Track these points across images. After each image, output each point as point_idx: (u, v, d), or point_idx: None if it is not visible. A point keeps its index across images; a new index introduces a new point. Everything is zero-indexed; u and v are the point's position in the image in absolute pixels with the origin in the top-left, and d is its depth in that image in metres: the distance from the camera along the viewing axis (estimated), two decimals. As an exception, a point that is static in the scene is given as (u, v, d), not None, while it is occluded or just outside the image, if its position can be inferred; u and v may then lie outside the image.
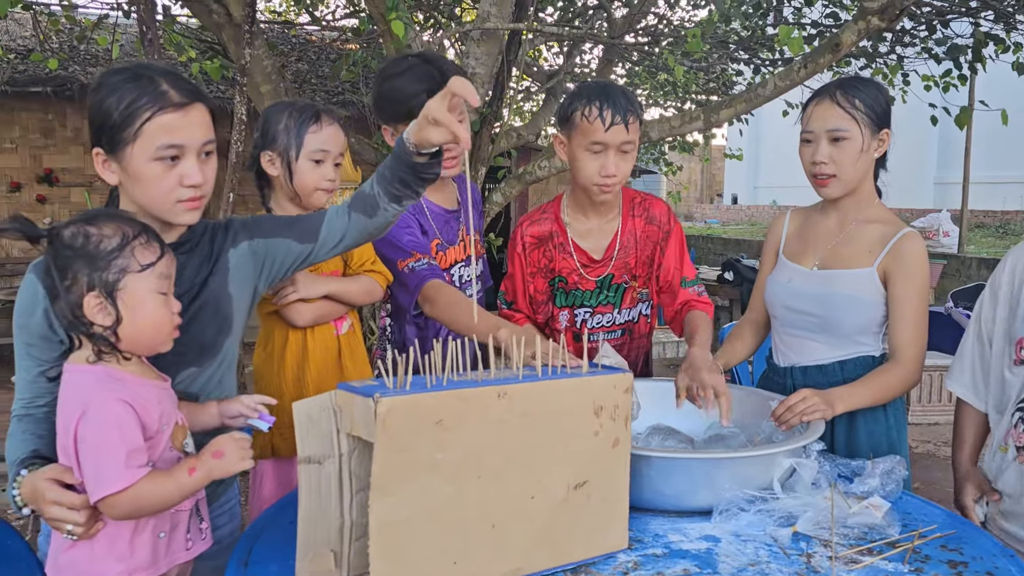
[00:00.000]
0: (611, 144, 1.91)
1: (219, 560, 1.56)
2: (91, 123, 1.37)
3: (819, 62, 4.02)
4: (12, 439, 1.36)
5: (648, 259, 2.13)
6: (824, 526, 1.43)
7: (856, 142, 1.83)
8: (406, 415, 1.12)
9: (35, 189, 7.52)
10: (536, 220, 2.15)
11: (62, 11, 5.57)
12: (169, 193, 1.36)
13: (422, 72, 1.91)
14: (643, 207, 2.13)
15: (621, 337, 2.18)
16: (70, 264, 1.24)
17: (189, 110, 1.35)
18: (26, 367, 1.37)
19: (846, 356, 1.93)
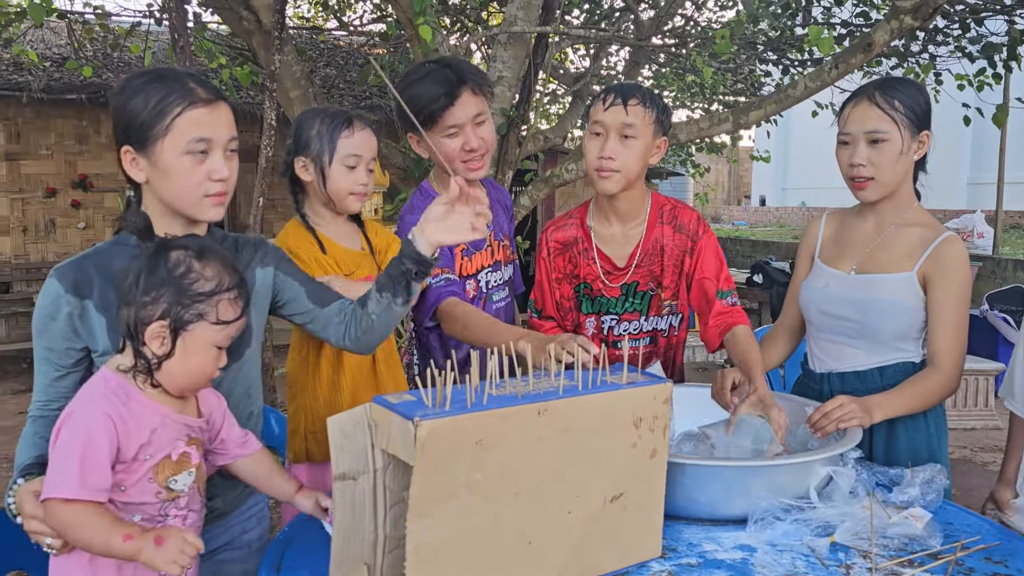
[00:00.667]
0: (610, 126, 1.89)
1: (248, 563, 1.57)
2: (117, 124, 1.39)
3: (850, 62, 3.97)
4: (24, 441, 1.38)
5: (676, 268, 2.05)
6: (863, 536, 1.40)
7: (895, 144, 1.80)
8: (446, 437, 1.10)
9: (70, 194, 7.64)
10: (561, 225, 2.13)
11: (96, 19, 5.66)
12: (197, 187, 1.38)
13: (439, 77, 1.90)
14: (672, 214, 2.06)
15: (649, 345, 2.12)
16: (160, 285, 1.25)
17: (216, 107, 1.39)
18: (44, 371, 1.40)
19: (885, 362, 1.89)
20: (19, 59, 6.97)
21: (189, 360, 1.28)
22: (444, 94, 1.88)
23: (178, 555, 1.20)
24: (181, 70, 1.42)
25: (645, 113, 1.89)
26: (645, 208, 2.06)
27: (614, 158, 1.89)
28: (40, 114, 7.41)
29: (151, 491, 1.29)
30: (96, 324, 1.37)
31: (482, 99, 1.96)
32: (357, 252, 1.95)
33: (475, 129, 1.95)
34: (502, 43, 4.38)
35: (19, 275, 7.46)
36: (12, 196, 7.46)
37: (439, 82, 1.89)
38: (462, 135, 1.94)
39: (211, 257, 1.29)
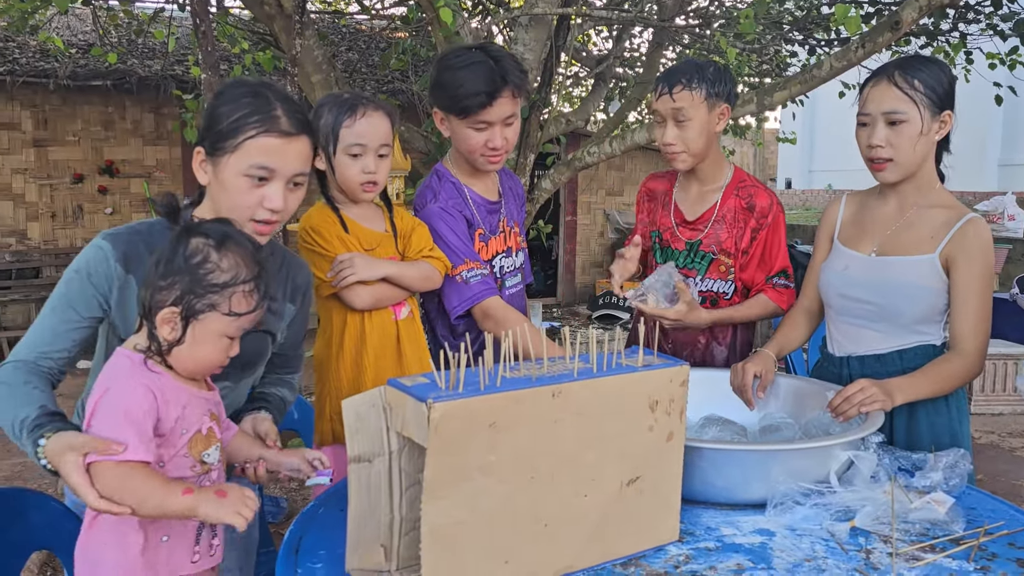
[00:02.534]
0: (665, 113, 2.06)
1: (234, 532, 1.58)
2: (202, 123, 1.42)
3: (878, 41, 3.89)
4: (13, 390, 1.30)
5: (738, 242, 2.17)
6: (884, 521, 1.39)
7: (914, 125, 1.76)
8: (459, 419, 1.11)
9: (97, 180, 7.72)
10: (658, 177, 2.35)
11: (120, 6, 5.70)
12: (247, 210, 1.40)
13: (484, 71, 1.89)
14: (748, 192, 2.18)
15: (704, 304, 2.19)
16: (177, 271, 1.26)
17: (293, 140, 1.40)
18: (63, 317, 1.36)
19: (906, 346, 1.86)
20: (45, 46, 7.03)
21: (198, 348, 1.28)
22: (486, 93, 1.89)
23: (241, 507, 1.21)
24: (280, 91, 1.43)
25: (692, 95, 2.02)
26: (724, 176, 2.20)
27: (674, 143, 2.07)
28: (67, 101, 7.48)
29: (187, 465, 1.30)
30: (135, 300, 1.37)
31: (518, 100, 1.97)
32: (379, 232, 1.95)
33: (503, 129, 1.97)
34: (523, 25, 4.35)
35: (48, 260, 7.57)
36: (40, 182, 7.56)
37: (483, 78, 1.88)
38: (489, 132, 1.95)
39: (230, 248, 1.29)
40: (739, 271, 2.19)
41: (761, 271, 2.18)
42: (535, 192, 4.80)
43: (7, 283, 7.36)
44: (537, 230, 5.63)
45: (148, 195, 7.85)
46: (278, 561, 1.31)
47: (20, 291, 7.41)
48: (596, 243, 10.38)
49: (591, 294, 10.03)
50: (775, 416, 1.82)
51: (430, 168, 5.03)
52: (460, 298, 1.99)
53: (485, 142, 1.95)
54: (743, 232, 2.16)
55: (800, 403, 1.86)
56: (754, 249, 2.17)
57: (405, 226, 1.98)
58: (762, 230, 2.16)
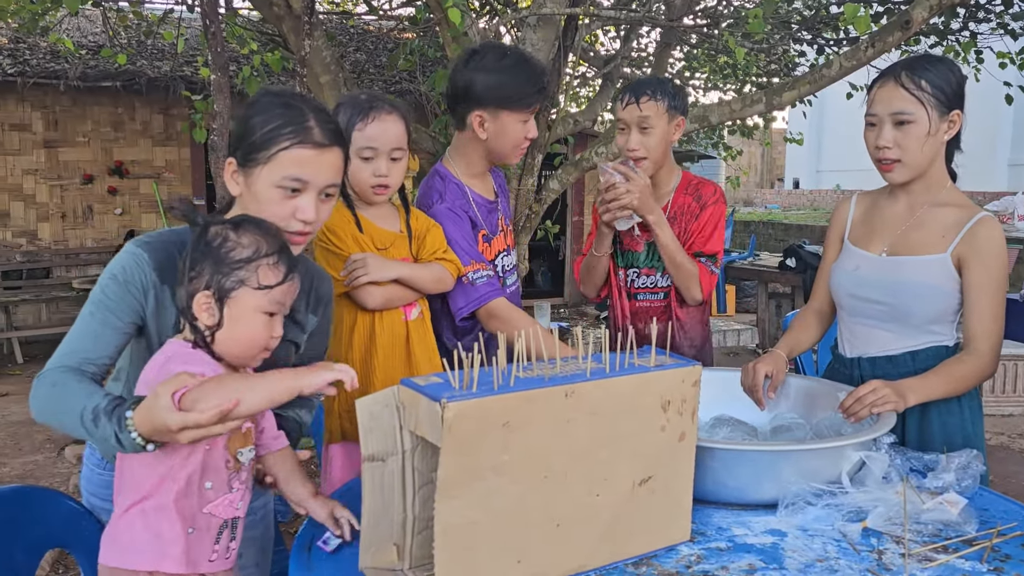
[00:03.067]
0: (630, 121, 2.18)
1: (255, 530, 1.58)
2: (233, 133, 1.42)
3: (887, 40, 3.88)
4: (72, 388, 1.28)
5: (689, 231, 2.28)
6: (896, 522, 1.39)
7: (922, 125, 1.76)
8: (473, 419, 1.11)
9: (107, 181, 7.76)
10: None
11: (130, 7, 5.73)
12: (280, 221, 1.40)
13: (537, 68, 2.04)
14: (696, 188, 2.31)
15: (663, 300, 2.31)
16: (201, 259, 1.28)
17: (325, 152, 1.40)
18: (103, 321, 1.34)
19: (918, 346, 1.86)
20: (56, 47, 7.07)
21: (237, 328, 1.29)
22: (537, 91, 2.02)
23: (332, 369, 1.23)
24: (312, 102, 1.44)
25: (657, 105, 2.17)
26: (674, 180, 2.33)
27: (637, 148, 2.19)
28: (77, 102, 7.52)
29: (223, 459, 1.31)
30: (172, 312, 1.38)
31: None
32: (393, 232, 1.95)
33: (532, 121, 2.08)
34: (531, 25, 4.35)
35: (58, 260, 7.61)
36: (51, 183, 7.60)
37: (538, 72, 2.04)
38: (528, 126, 2.05)
39: (247, 227, 1.31)
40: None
41: (694, 248, 2.26)
42: (543, 192, 4.80)
43: (18, 283, 7.40)
44: (544, 230, 5.63)
45: (157, 196, 7.89)
46: (291, 559, 1.32)
47: (31, 291, 7.45)
48: (603, 243, 10.36)
49: (598, 294, 10.02)
50: (786, 416, 1.82)
51: (438, 169, 4.99)
52: (467, 299, 2.00)
53: (525, 135, 2.05)
54: (692, 221, 2.28)
55: (811, 404, 1.86)
56: (694, 228, 2.27)
57: (420, 227, 1.99)
58: (703, 211, 2.27)
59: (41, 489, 1.47)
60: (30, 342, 7.31)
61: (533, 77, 2.02)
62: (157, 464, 1.26)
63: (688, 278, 2.24)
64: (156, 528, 1.27)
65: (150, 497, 1.27)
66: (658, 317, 2.29)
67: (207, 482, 1.30)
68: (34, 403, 1.30)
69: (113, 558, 1.28)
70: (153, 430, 1.18)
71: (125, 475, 1.30)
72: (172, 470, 1.27)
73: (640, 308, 2.31)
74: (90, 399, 1.24)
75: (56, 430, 1.32)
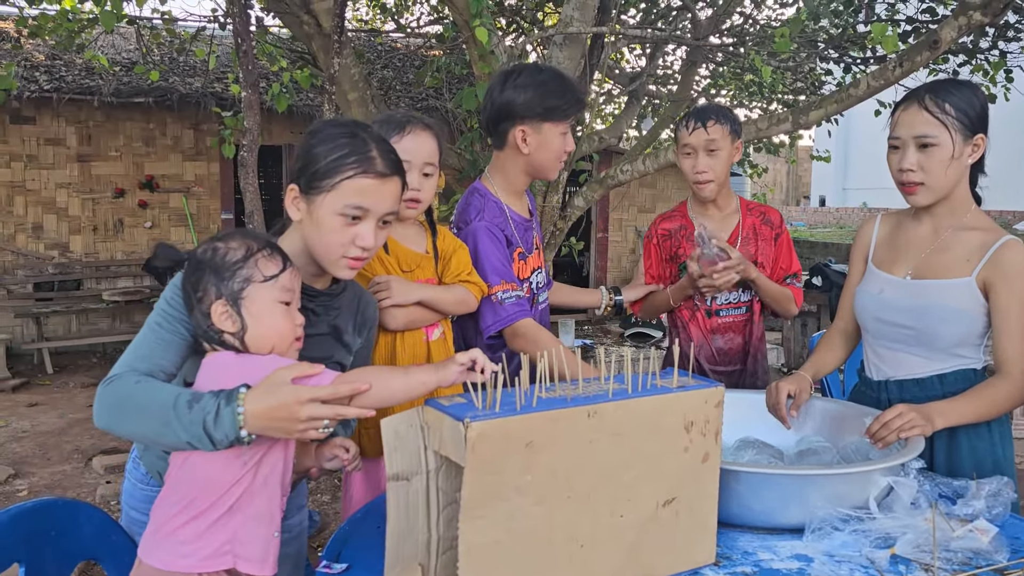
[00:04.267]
0: (697, 146, 2.31)
1: (290, 547, 1.60)
2: (296, 161, 1.46)
3: (916, 60, 3.86)
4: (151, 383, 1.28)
5: (768, 255, 2.44)
6: (925, 549, 1.37)
7: (945, 149, 1.75)
8: (496, 439, 1.12)
9: (137, 195, 7.89)
10: (667, 217, 2.56)
11: (163, 25, 5.84)
12: (340, 247, 1.44)
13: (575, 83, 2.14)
14: (759, 210, 2.49)
15: (746, 314, 2.45)
16: (201, 277, 1.32)
17: (387, 181, 1.44)
18: (171, 330, 1.36)
19: (945, 370, 1.84)
20: (91, 64, 7.22)
21: (261, 324, 1.32)
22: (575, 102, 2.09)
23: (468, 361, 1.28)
24: (374, 133, 1.48)
25: (722, 128, 2.30)
26: (734, 200, 2.48)
27: (707, 171, 2.33)
28: (110, 117, 7.67)
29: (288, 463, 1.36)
30: None
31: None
32: (419, 254, 1.97)
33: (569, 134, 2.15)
34: (558, 44, 4.38)
35: (89, 272, 7.74)
36: (83, 196, 7.74)
37: (577, 86, 2.13)
38: (567, 138, 2.12)
39: (231, 234, 1.36)
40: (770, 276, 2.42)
41: (781, 272, 2.47)
42: (567, 209, 4.81)
43: (49, 294, 7.53)
44: (569, 247, 5.64)
45: (187, 210, 8.00)
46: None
47: (62, 302, 7.58)
48: (627, 260, 10.36)
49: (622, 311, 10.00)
50: (812, 440, 1.81)
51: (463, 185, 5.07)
52: (495, 318, 2.02)
53: (565, 147, 2.12)
54: (769, 244, 2.45)
55: (837, 427, 1.84)
56: (775, 253, 2.46)
57: (447, 248, 2.00)
58: (780, 237, 2.47)
59: (73, 502, 1.49)
60: (60, 353, 7.43)
61: (571, 89, 2.10)
62: (239, 468, 1.28)
63: (786, 302, 2.43)
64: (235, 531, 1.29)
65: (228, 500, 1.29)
66: (739, 331, 2.45)
67: (281, 485, 1.35)
68: (105, 403, 1.29)
69: (174, 563, 1.28)
70: (268, 409, 1.20)
71: (197, 478, 1.28)
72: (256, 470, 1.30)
73: (722, 324, 2.44)
74: (186, 390, 1.26)
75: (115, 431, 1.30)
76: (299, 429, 1.22)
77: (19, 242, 7.55)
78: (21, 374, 6.90)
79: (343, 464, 1.48)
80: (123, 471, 4.68)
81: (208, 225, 8.12)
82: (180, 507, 1.29)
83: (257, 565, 1.32)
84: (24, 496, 4.23)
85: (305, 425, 1.21)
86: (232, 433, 1.20)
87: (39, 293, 7.48)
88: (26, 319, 7.35)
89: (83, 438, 5.19)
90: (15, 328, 7.41)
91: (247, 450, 1.27)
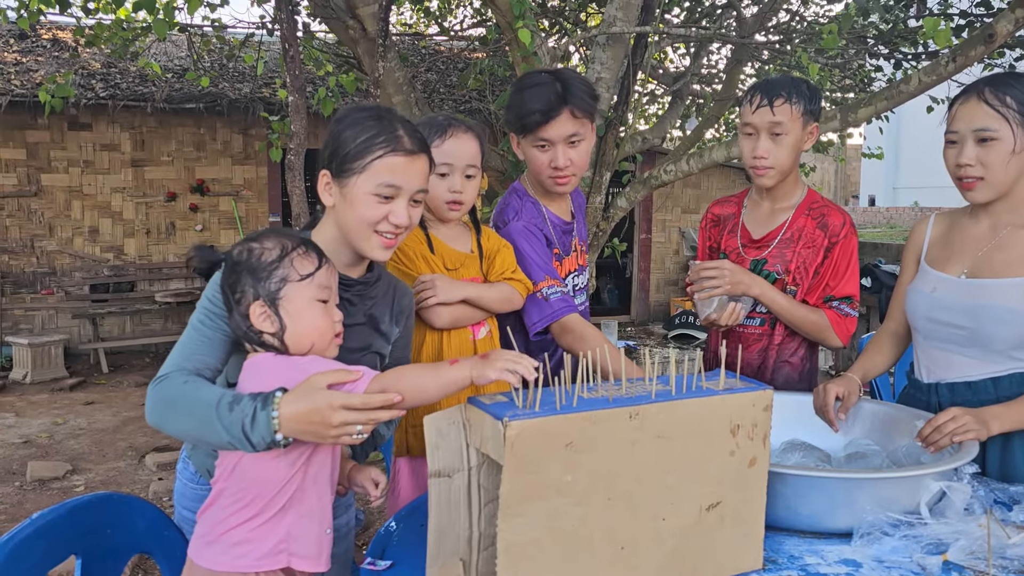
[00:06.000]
0: (760, 126, 2.00)
1: (337, 547, 1.62)
2: (326, 147, 1.49)
3: (970, 55, 3.76)
4: (197, 382, 1.31)
5: (806, 264, 2.09)
6: (979, 556, 1.33)
7: (1006, 143, 1.70)
8: (535, 438, 1.12)
9: (188, 198, 8.09)
10: (723, 202, 2.30)
11: (213, 32, 5.97)
12: (374, 223, 1.46)
13: (544, 92, 1.94)
14: (820, 211, 2.11)
15: (761, 327, 2.14)
16: (239, 279, 1.34)
17: (415, 159, 1.47)
18: (215, 327, 1.38)
19: (999, 372, 1.79)
20: (144, 71, 7.42)
21: (300, 323, 1.33)
22: (540, 111, 1.93)
23: (509, 363, 1.22)
24: (398, 115, 1.50)
25: (792, 109, 1.98)
26: (798, 196, 2.14)
27: (766, 157, 2.01)
28: (162, 123, 7.87)
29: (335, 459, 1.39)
30: None
31: (583, 120, 1.98)
32: (464, 253, 1.98)
33: (567, 149, 1.98)
34: (601, 44, 4.37)
35: (142, 275, 7.95)
36: (137, 200, 7.95)
37: (541, 97, 1.93)
38: (551, 151, 1.99)
39: (265, 234, 1.37)
40: (804, 293, 2.09)
41: (826, 291, 2.08)
42: (610, 210, 4.79)
43: (104, 296, 7.75)
44: (611, 247, 5.62)
45: (236, 213, 8.17)
46: (361, 575, 1.35)
47: (116, 304, 7.80)
48: (671, 261, 10.28)
49: (665, 312, 9.92)
50: (861, 443, 1.78)
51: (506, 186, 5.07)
52: (540, 314, 2.00)
53: (548, 162, 1.99)
54: (816, 253, 2.08)
55: (887, 430, 1.80)
56: (824, 268, 2.08)
57: (491, 247, 2.01)
58: (833, 248, 2.08)
59: (127, 497, 1.53)
60: (115, 352, 7.65)
61: (532, 103, 1.93)
62: (288, 467, 1.30)
63: (817, 332, 2.07)
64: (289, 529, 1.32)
65: (280, 500, 1.31)
66: (753, 344, 2.15)
67: (330, 483, 1.37)
68: (155, 402, 1.32)
69: (230, 563, 1.31)
70: (302, 413, 1.21)
71: (249, 479, 1.31)
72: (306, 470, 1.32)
73: (737, 333, 2.15)
74: (228, 391, 1.28)
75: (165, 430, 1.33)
76: (332, 435, 1.23)
77: (76, 245, 7.79)
78: (78, 373, 7.12)
79: (369, 498, 1.47)
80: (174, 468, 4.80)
81: (256, 227, 8.28)
82: (234, 509, 1.31)
83: (312, 562, 1.35)
84: (81, 491, 4.36)
85: (338, 431, 1.22)
86: (268, 436, 1.22)
87: (95, 295, 7.71)
88: (83, 320, 7.58)
89: (136, 436, 5.33)
90: (72, 329, 7.65)
91: (291, 450, 1.29)
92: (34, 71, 7.42)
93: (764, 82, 2.04)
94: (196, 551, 1.34)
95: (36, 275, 7.62)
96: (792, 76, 2.07)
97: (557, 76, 1.99)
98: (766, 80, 2.05)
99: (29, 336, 7.03)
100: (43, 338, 6.99)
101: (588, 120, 2.00)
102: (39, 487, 4.39)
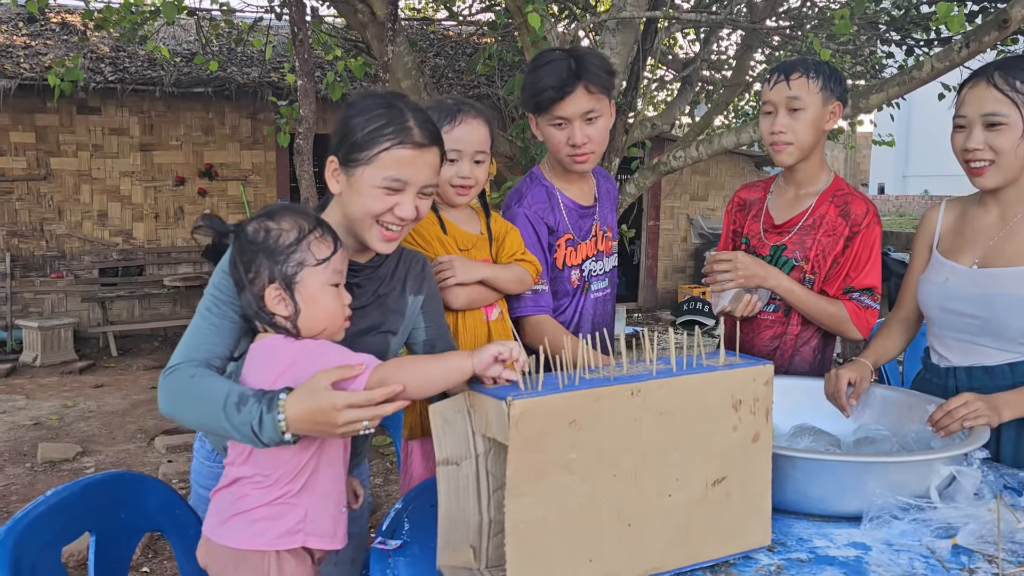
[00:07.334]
0: (778, 102, 1.98)
1: (352, 527, 1.63)
2: (335, 134, 1.46)
3: (983, 41, 3.73)
4: (206, 377, 1.31)
5: (825, 252, 2.05)
6: (989, 540, 1.34)
7: (1015, 128, 1.69)
8: (539, 417, 1.12)
9: (197, 183, 8.10)
10: (751, 187, 2.28)
11: (221, 16, 5.96)
12: (378, 215, 1.44)
13: (558, 68, 1.93)
14: (844, 199, 2.07)
15: (775, 313, 2.11)
16: (254, 258, 1.33)
17: (424, 152, 1.43)
18: (222, 314, 1.38)
19: (1016, 359, 1.78)
20: (152, 56, 7.42)
21: (314, 308, 1.33)
22: (554, 87, 1.92)
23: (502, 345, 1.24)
24: (411, 104, 1.47)
25: (809, 83, 1.95)
26: (823, 182, 2.10)
27: (784, 131, 1.98)
28: (171, 107, 7.87)
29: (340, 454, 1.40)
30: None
31: (599, 96, 1.96)
32: (474, 235, 1.99)
33: (584, 125, 1.97)
34: (611, 29, 4.35)
35: (151, 259, 7.98)
36: (146, 184, 7.97)
37: (555, 74, 1.92)
38: (568, 129, 1.97)
39: (282, 212, 1.35)
40: (822, 282, 2.05)
41: (847, 281, 2.04)
42: (619, 197, 4.79)
43: (114, 280, 7.79)
44: (620, 234, 5.61)
45: (244, 198, 8.18)
46: (371, 556, 1.36)
47: (125, 288, 7.84)
48: (679, 248, 10.26)
49: (673, 300, 9.91)
50: (870, 428, 1.78)
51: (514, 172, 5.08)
52: (516, 304, 2.03)
53: (566, 140, 1.97)
54: (836, 241, 2.04)
55: (897, 415, 1.80)
56: (844, 258, 2.04)
57: (500, 230, 2.02)
58: (855, 237, 2.03)
59: (139, 475, 1.55)
60: (124, 336, 7.69)
61: (546, 80, 1.92)
62: (303, 451, 1.31)
63: (835, 324, 2.03)
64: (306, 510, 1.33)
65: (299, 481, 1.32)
66: (766, 330, 2.12)
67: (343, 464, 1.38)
68: (166, 394, 1.33)
69: (249, 541, 1.32)
70: (307, 413, 1.22)
71: (269, 462, 1.31)
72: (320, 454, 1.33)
73: (751, 318, 2.10)
74: (234, 387, 1.28)
75: (177, 420, 1.35)
76: (339, 432, 1.24)
77: (85, 229, 7.81)
78: (87, 356, 7.16)
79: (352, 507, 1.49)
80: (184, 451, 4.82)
81: (264, 213, 8.29)
82: (252, 488, 1.32)
83: (328, 540, 1.36)
84: (91, 472, 4.39)
85: (344, 428, 1.23)
86: (276, 437, 1.23)
87: (104, 279, 7.75)
88: (92, 304, 7.62)
89: (146, 419, 5.36)
90: (82, 312, 7.69)
91: (301, 441, 1.29)
92: (43, 55, 7.42)
93: (783, 62, 2.03)
94: (212, 529, 1.35)
95: (46, 259, 7.65)
96: (813, 58, 2.06)
97: (570, 53, 1.97)
98: (785, 60, 2.04)
99: (39, 319, 7.08)
100: (53, 321, 7.03)
101: (604, 96, 1.98)
102: (49, 468, 4.43)
